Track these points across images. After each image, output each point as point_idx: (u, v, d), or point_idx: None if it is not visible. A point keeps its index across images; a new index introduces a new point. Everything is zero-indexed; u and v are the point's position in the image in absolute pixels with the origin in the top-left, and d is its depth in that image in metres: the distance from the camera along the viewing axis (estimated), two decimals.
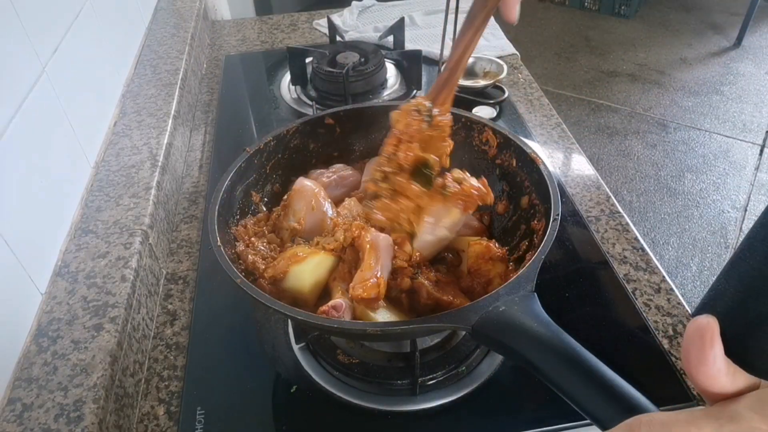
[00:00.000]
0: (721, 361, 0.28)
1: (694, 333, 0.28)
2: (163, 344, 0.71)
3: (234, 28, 1.50)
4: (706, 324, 0.28)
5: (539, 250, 0.53)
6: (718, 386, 0.28)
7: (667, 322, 0.70)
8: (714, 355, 0.28)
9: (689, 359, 0.29)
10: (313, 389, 0.64)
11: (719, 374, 0.28)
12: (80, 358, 0.59)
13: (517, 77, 1.22)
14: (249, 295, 0.52)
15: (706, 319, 0.28)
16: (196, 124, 1.13)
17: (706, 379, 0.28)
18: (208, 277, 0.79)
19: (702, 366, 0.28)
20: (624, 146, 2.60)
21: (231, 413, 0.63)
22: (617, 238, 0.82)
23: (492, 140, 0.71)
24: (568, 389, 0.39)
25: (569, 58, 3.28)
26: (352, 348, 0.67)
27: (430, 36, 1.36)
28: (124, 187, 0.81)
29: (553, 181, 0.61)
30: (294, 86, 1.19)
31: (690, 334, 0.29)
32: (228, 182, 0.64)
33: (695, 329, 0.28)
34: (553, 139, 1.04)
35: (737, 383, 0.29)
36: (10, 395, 0.56)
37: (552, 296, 0.74)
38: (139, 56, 1.14)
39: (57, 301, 0.65)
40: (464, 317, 0.48)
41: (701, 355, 0.28)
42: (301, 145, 0.76)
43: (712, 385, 0.28)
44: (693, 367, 0.29)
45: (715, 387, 0.28)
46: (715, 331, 0.28)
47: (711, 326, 0.28)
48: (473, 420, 0.61)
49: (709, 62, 3.17)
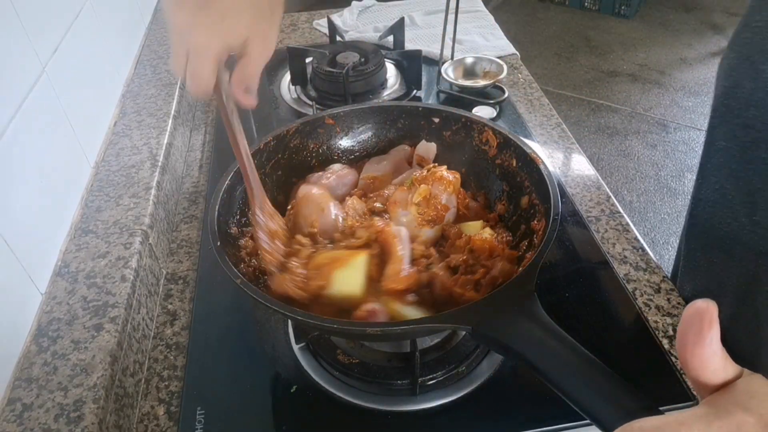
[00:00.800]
0: (716, 344, 0.29)
1: (692, 315, 0.29)
2: (163, 344, 0.71)
3: None
4: (706, 307, 0.28)
5: (539, 250, 0.53)
6: (710, 370, 0.29)
7: (667, 322, 0.70)
8: (711, 336, 0.28)
9: (685, 341, 0.29)
10: (313, 389, 0.64)
11: (714, 357, 0.29)
12: (80, 358, 0.59)
13: (517, 77, 1.22)
14: (249, 295, 0.52)
15: (705, 303, 0.29)
16: (196, 124, 1.13)
17: (700, 362, 0.29)
18: (208, 277, 0.79)
19: (698, 347, 0.29)
20: (624, 146, 2.60)
21: (231, 413, 0.63)
22: (617, 238, 0.82)
23: (492, 140, 0.71)
24: (568, 389, 0.39)
25: (569, 58, 3.28)
26: (352, 348, 0.67)
27: (430, 36, 1.36)
28: (124, 187, 0.81)
29: (553, 181, 0.61)
30: (294, 86, 1.19)
31: (688, 317, 0.29)
32: (228, 182, 0.64)
33: (694, 311, 0.29)
34: (553, 139, 1.04)
35: (727, 371, 0.29)
36: (10, 395, 0.56)
37: (552, 296, 0.74)
38: (139, 56, 1.14)
39: (57, 301, 0.65)
40: (464, 317, 0.48)
41: (699, 337, 0.28)
42: (301, 145, 0.76)
43: (705, 369, 0.29)
44: (689, 350, 0.29)
45: (707, 371, 0.29)
46: (714, 314, 0.28)
47: (710, 309, 0.28)
48: (473, 420, 0.61)
49: (709, 62, 3.17)
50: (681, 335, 0.30)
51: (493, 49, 1.29)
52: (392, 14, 1.47)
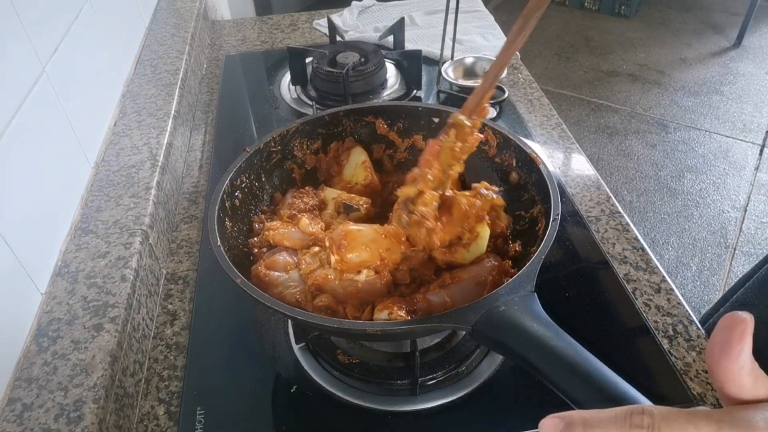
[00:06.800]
0: (746, 359, 0.26)
1: (725, 326, 0.27)
2: (163, 344, 0.71)
3: (234, 28, 1.50)
4: (741, 319, 0.26)
5: (539, 250, 0.53)
6: (736, 385, 0.27)
7: (667, 322, 0.70)
8: (740, 350, 0.26)
9: (713, 351, 0.27)
10: (313, 389, 0.64)
11: (740, 372, 0.27)
12: (80, 358, 0.59)
13: (517, 77, 1.22)
14: (249, 295, 0.52)
15: (742, 315, 0.26)
16: (196, 124, 1.13)
17: (725, 374, 0.27)
18: (208, 277, 0.79)
19: (724, 359, 0.27)
20: (624, 146, 2.60)
21: (231, 413, 0.63)
22: (617, 238, 0.82)
23: (492, 140, 0.71)
24: (568, 389, 0.39)
25: (569, 58, 3.28)
26: (352, 348, 0.67)
27: (430, 36, 1.36)
28: (124, 187, 0.81)
29: (553, 181, 0.61)
30: (294, 86, 1.19)
31: (721, 326, 0.27)
32: (228, 182, 0.64)
33: (728, 322, 0.27)
34: (553, 139, 1.04)
35: (758, 389, 0.27)
36: (10, 395, 0.56)
37: (552, 296, 0.74)
38: (139, 56, 1.14)
39: (57, 301, 0.65)
40: (464, 317, 0.48)
41: (726, 348, 0.26)
42: (299, 147, 0.76)
43: (731, 382, 0.27)
44: (715, 360, 0.27)
45: (733, 385, 0.27)
46: (748, 326, 0.26)
47: (745, 322, 0.26)
48: (473, 420, 0.61)
49: (709, 62, 3.17)
50: (710, 343, 0.27)
51: (493, 49, 1.29)
52: (392, 14, 1.47)
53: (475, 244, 0.60)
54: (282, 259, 0.62)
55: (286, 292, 0.59)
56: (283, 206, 0.70)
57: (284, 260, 0.62)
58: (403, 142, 0.78)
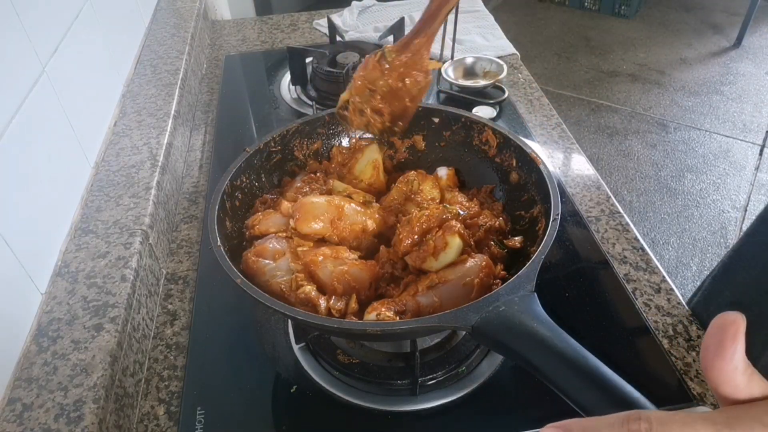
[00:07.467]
0: (739, 359, 0.27)
1: (718, 326, 0.27)
2: (163, 344, 0.71)
3: (234, 28, 1.50)
4: (733, 319, 0.27)
5: (539, 250, 0.53)
6: (731, 385, 0.27)
7: (667, 322, 0.70)
8: (734, 350, 0.27)
9: (707, 351, 0.27)
10: (313, 389, 0.64)
11: (735, 372, 0.27)
12: (80, 358, 0.59)
13: (517, 77, 1.22)
14: (249, 295, 0.52)
15: (734, 316, 0.27)
16: (196, 124, 1.13)
17: (719, 374, 0.27)
18: (208, 277, 0.79)
19: (718, 359, 0.27)
20: (624, 146, 2.60)
21: (231, 413, 0.63)
22: (617, 238, 0.82)
23: (492, 140, 0.71)
24: (568, 389, 0.39)
25: (569, 58, 3.28)
26: (352, 348, 0.67)
27: None
28: (124, 187, 0.81)
29: (553, 181, 0.61)
30: (294, 86, 1.19)
31: (713, 327, 0.27)
32: (228, 182, 0.64)
33: (721, 323, 0.27)
34: (553, 139, 1.04)
35: (752, 388, 0.27)
36: (10, 395, 0.56)
37: (552, 296, 0.74)
38: (139, 56, 1.14)
39: (57, 301, 0.65)
40: (464, 317, 0.48)
41: (720, 349, 0.27)
42: (299, 146, 0.76)
43: (725, 383, 0.27)
44: (709, 360, 0.27)
45: (728, 386, 0.27)
46: (741, 327, 0.27)
47: (737, 322, 0.27)
48: (473, 420, 0.61)
49: (709, 62, 3.17)
50: (704, 344, 0.28)
51: (493, 49, 1.29)
52: (392, 14, 1.47)
53: (444, 254, 0.60)
54: (271, 247, 0.63)
55: (272, 282, 0.60)
56: (290, 189, 0.71)
57: (273, 248, 0.63)
58: (403, 142, 0.78)
